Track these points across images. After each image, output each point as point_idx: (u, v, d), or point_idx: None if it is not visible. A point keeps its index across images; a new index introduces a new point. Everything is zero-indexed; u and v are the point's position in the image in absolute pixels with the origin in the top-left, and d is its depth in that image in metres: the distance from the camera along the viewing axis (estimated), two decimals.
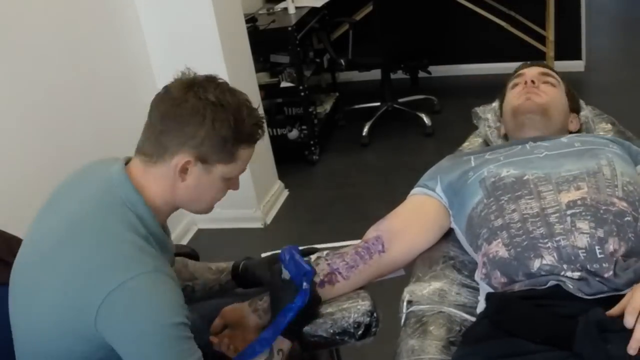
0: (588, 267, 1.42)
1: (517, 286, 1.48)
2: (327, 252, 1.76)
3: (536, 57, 5.00)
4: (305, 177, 4.29)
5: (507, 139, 2.00)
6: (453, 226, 1.78)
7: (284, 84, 4.30)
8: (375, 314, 1.61)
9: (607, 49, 5.93)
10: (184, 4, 3.29)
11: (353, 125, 4.78)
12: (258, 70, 4.00)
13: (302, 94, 4.26)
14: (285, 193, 4.06)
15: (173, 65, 3.81)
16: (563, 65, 5.03)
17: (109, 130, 3.04)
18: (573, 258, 1.44)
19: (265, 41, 4.15)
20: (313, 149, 4.40)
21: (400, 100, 4.83)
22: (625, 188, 1.56)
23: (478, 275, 1.60)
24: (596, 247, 1.44)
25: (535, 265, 1.47)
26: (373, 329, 1.61)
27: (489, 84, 2.15)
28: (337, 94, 5.14)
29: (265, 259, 1.74)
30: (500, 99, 2.06)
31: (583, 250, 1.44)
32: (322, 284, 1.65)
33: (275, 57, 4.35)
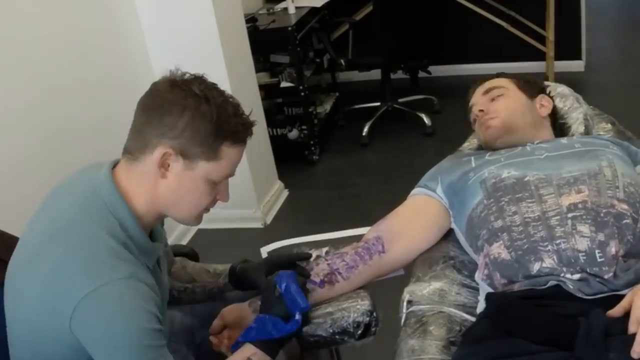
0: (588, 270, 1.42)
1: (517, 286, 1.48)
2: (327, 252, 1.76)
3: (536, 57, 5.02)
4: (305, 177, 4.29)
5: None
6: (453, 226, 1.78)
7: (284, 84, 4.29)
8: (374, 314, 1.61)
9: (607, 49, 5.93)
10: (184, 4, 3.29)
11: (353, 125, 4.78)
12: (258, 70, 4.00)
13: (302, 94, 4.26)
14: (285, 193, 4.06)
15: (173, 65, 3.80)
16: (563, 65, 5.04)
17: (109, 130, 3.03)
18: (573, 261, 1.44)
19: (265, 41, 4.15)
20: (313, 149, 4.40)
21: (400, 100, 4.83)
22: (626, 189, 1.56)
23: (479, 276, 1.60)
24: (596, 251, 1.44)
25: (535, 268, 1.47)
26: (373, 329, 1.61)
27: None
28: (337, 94, 5.15)
29: (261, 264, 1.70)
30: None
31: (583, 254, 1.44)
32: (322, 283, 1.65)
33: (275, 57, 4.35)
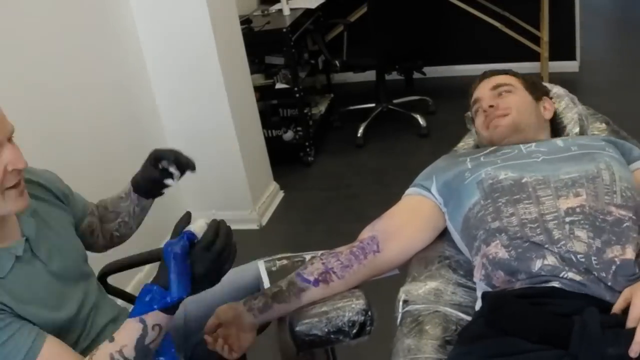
0: (588, 271, 1.42)
1: (518, 284, 1.48)
2: (322, 252, 1.76)
3: (531, 58, 5.03)
4: (301, 179, 4.29)
5: None
6: (448, 225, 1.78)
7: (278, 86, 4.30)
8: (369, 313, 1.61)
9: (602, 49, 5.95)
10: (179, 6, 3.29)
11: (348, 127, 4.79)
12: (253, 71, 4.00)
13: (297, 95, 4.27)
14: (281, 194, 4.06)
15: (168, 67, 3.85)
16: (557, 65, 5.05)
17: (105, 133, 3.04)
18: (575, 261, 1.44)
19: (260, 43, 4.15)
20: (308, 150, 4.41)
21: (395, 101, 4.84)
22: (623, 194, 1.56)
23: (476, 276, 1.60)
24: (593, 258, 1.44)
25: (537, 265, 1.46)
26: (368, 328, 1.61)
27: None
28: (332, 95, 5.16)
29: (145, 164, 1.75)
30: (470, 122, 2.07)
31: (582, 256, 1.44)
32: (317, 283, 1.65)
33: (270, 59, 4.36)
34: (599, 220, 1.50)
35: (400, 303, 1.67)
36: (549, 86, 2.10)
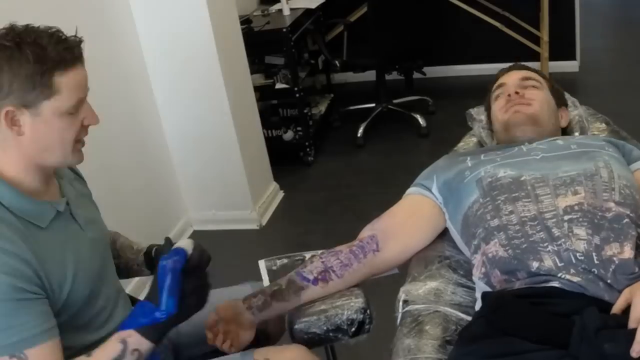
0: (587, 270, 1.42)
1: (518, 284, 1.48)
2: (322, 251, 1.76)
3: (531, 58, 5.02)
4: (301, 179, 4.29)
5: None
6: (448, 224, 1.78)
7: (278, 86, 4.30)
8: (368, 311, 1.61)
9: (601, 49, 5.94)
10: (179, 6, 3.28)
11: (348, 127, 4.79)
12: (253, 71, 4.00)
13: (297, 95, 4.27)
14: (281, 194, 4.06)
15: (168, 66, 3.83)
16: (557, 65, 5.05)
17: (105, 133, 3.04)
18: (574, 261, 1.44)
19: (260, 43, 4.15)
20: (308, 150, 4.40)
21: (395, 101, 4.84)
22: (622, 191, 1.56)
23: (476, 275, 1.60)
24: (593, 254, 1.44)
25: (536, 265, 1.47)
26: (366, 326, 1.61)
27: (483, 84, 2.14)
28: (332, 95, 5.15)
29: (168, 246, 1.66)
30: (486, 107, 2.06)
31: (581, 254, 1.44)
32: (316, 281, 1.66)
33: (270, 59, 4.35)
34: (598, 217, 1.50)
35: (400, 303, 1.67)
36: None
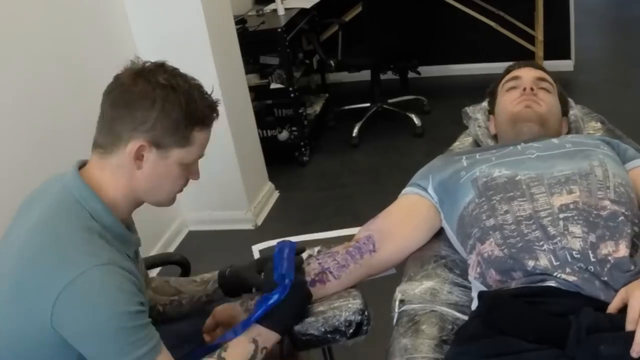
0: (583, 269, 1.43)
1: (514, 284, 1.48)
2: (319, 251, 1.76)
3: (526, 57, 5.02)
4: (296, 178, 4.29)
5: (497, 138, 2.00)
6: (444, 224, 1.78)
7: (273, 86, 4.30)
8: (366, 313, 1.61)
9: (596, 48, 5.95)
10: (174, 6, 3.28)
11: (343, 126, 4.79)
12: (248, 71, 4.00)
13: (292, 95, 4.26)
14: (276, 194, 4.06)
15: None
16: (552, 64, 5.04)
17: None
18: (570, 260, 1.44)
19: (255, 42, 4.15)
20: (303, 150, 4.40)
21: (390, 100, 4.84)
22: (617, 189, 1.56)
23: (472, 275, 1.60)
24: (589, 252, 1.44)
25: (531, 264, 1.47)
26: (364, 328, 1.61)
27: (478, 84, 2.15)
28: (327, 95, 5.15)
29: (252, 263, 1.70)
30: (491, 98, 2.05)
31: (577, 252, 1.44)
32: (313, 283, 1.66)
33: (265, 59, 4.35)
34: (593, 215, 1.50)
35: (397, 303, 1.67)
36: None
